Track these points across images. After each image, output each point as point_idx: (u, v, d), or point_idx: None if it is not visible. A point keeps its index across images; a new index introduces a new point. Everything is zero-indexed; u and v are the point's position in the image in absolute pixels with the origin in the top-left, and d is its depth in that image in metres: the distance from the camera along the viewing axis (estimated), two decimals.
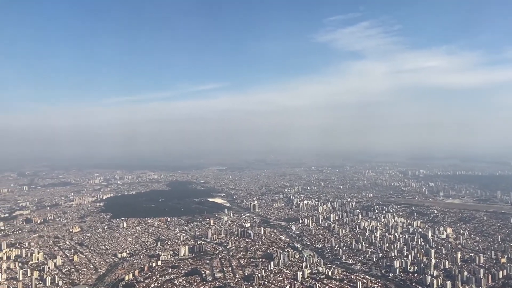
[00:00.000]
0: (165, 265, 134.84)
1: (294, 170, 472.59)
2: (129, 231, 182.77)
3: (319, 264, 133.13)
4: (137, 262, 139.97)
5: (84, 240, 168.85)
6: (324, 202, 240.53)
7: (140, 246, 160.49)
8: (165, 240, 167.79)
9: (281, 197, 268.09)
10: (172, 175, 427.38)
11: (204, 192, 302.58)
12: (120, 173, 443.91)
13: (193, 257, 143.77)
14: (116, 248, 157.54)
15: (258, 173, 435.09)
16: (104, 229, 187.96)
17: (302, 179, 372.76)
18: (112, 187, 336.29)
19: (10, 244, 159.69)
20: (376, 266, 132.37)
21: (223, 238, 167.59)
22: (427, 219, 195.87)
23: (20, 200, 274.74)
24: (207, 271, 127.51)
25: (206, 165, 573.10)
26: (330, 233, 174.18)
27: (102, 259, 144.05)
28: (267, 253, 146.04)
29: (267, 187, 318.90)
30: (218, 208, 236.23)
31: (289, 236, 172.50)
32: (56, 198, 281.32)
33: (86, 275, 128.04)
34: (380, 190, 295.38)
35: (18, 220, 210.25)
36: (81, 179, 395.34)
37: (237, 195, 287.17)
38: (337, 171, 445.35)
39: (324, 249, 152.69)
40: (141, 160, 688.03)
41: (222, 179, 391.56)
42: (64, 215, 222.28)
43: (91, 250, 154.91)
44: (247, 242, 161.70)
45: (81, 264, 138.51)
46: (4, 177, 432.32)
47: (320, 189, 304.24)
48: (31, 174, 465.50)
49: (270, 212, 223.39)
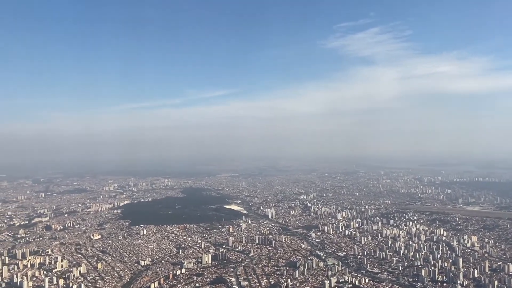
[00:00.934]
0: (189, 273, 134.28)
1: (307, 176, 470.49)
2: (150, 238, 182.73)
3: (344, 273, 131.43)
4: (161, 270, 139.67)
5: (105, 248, 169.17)
6: (342, 209, 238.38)
7: (162, 253, 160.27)
8: (186, 247, 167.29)
9: (297, 204, 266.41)
10: (186, 182, 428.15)
11: (220, 199, 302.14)
12: (134, 180, 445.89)
13: (216, 265, 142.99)
14: (138, 255, 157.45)
15: (272, 180, 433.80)
16: (125, 236, 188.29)
17: (316, 185, 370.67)
18: (127, 194, 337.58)
19: (33, 252, 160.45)
20: (403, 275, 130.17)
21: (244, 246, 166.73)
22: (450, 227, 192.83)
23: (38, 207, 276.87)
24: (232, 279, 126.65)
25: (218, 171, 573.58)
26: (352, 241, 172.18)
27: (126, 266, 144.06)
28: (290, 261, 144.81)
29: (282, 194, 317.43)
30: (235, 215, 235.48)
31: (310, 244, 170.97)
32: (73, 205, 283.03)
33: (111, 283, 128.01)
34: (397, 197, 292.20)
35: (38, 227, 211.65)
36: (95, 186, 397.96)
37: (253, 202, 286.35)
38: (351, 178, 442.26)
39: (347, 257, 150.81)
40: (152, 167, 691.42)
41: (236, 185, 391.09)
42: (83, 222, 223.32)
43: (113, 258, 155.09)
44: (268, 250, 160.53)
45: (105, 271, 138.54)
46: (19, 184, 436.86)
47: (336, 196, 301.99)
48: (45, 181, 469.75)
49: (288, 220, 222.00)
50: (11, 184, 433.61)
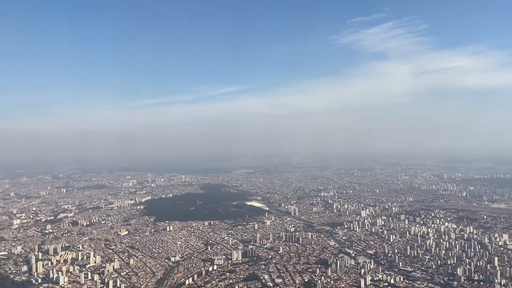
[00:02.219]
0: (222, 270, 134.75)
1: (324, 173, 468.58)
2: (177, 235, 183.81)
3: (377, 271, 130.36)
4: (192, 266, 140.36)
5: (134, 243, 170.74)
6: (365, 206, 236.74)
7: (191, 250, 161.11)
8: (214, 244, 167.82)
9: (318, 201, 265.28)
10: (203, 178, 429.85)
11: (239, 196, 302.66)
12: (151, 176, 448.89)
13: (247, 261, 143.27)
14: (167, 251, 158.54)
15: (288, 176, 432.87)
16: (152, 232, 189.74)
17: (334, 182, 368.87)
18: (147, 190, 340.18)
19: (64, 247, 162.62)
20: (437, 273, 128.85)
21: (272, 243, 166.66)
22: (478, 225, 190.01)
23: (61, 202, 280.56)
24: (266, 276, 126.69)
25: (233, 168, 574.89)
26: (380, 239, 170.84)
27: (157, 262, 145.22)
28: (321, 259, 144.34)
29: (301, 191, 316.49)
30: (257, 212, 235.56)
31: (337, 241, 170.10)
32: (95, 200, 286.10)
33: (145, 279, 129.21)
34: (419, 194, 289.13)
35: (64, 223, 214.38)
36: (114, 182, 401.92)
37: (273, 198, 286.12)
38: (368, 174, 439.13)
39: (377, 255, 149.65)
40: (166, 163, 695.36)
41: (253, 182, 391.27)
42: (107, 217, 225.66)
43: (143, 254, 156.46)
44: (297, 247, 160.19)
45: (138, 267, 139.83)
46: (39, 180, 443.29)
47: (356, 193, 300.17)
48: (64, 176, 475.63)
49: (312, 217, 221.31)
50: (31, 180, 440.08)
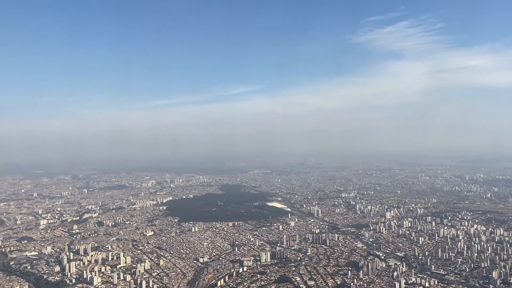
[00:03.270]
0: (252, 271, 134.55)
1: (342, 173, 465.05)
2: (202, 235, 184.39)
3: (410, 274, 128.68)
4: (221, 267, 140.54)
5: (161, 244, 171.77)
6: (389, 208, 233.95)
7: (218, 251, 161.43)
8: (240, 245, 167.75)
9: (340, 202, 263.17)
10: (221, 179, 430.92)
11: (260, 196, 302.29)
12: (169, 176, 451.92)
13: (276, 263, 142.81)
14: (195, 252, 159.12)
15: (306, 177, 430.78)
16: (177, 233, 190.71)
17: (354, 183, 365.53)
18: (167, 191, 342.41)
19: (94, 247, 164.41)
20: (472, 277, 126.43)
21: (299, 244, 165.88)
22: (508, 227, 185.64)
23: (84, 203, 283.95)
24: (297, 278, 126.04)
25: (250, 168, 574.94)
26: (409, 241, 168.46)
27: (186, 263, 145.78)
28: (351, 261, 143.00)
29: (321, 192, 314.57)
30: (279, 213, 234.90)
31: (364, 243, 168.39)
32: (117, 201, 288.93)
33: (176, 280, 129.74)
34: (442, 196, 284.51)
35: (90, 223, 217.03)
36: (134, 182, 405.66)
37: (294, 199, 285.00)
38: (387, 175, 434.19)
39: (407, 258, 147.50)
40: (183, 163, 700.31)
41: (271, 182, 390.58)
42: (131, 218, 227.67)
43: (171, 254, 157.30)
44: (324, 249, 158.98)
45: (168, 268, 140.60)
46: (59, 180, 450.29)
47: (378, 194, 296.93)
48: (84, 177, 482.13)
49: (336, 218, 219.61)
50: (52, 180, 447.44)
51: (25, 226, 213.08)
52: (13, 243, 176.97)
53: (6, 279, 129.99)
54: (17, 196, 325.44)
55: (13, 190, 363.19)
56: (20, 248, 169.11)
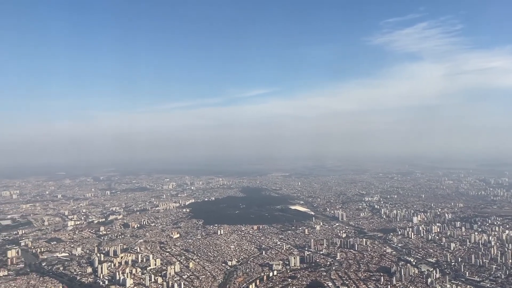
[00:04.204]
0: (282, 275, 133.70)
1: (362, 177, 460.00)
2: (228, 238, 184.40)
3: (444, 280, 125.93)
4: (250, 271, 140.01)
5: (188, 246, 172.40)
6: (415, 212, 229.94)
7: (245, 254, 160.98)
8: (267, 248, 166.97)
9: (364, 206, 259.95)
10: (240, 181, 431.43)
11: (281, 199, 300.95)
12: (189, 179, 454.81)
13: (306, 268, 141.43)
14: (222, 255, 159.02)
15: (327, 180, 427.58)
16: (203, 235, 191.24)
17: (376, 187, 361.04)
18: (188, 193, 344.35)
19: (123, 249, 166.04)
20: (508, 283, 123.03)
21: (327, 249, 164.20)
22: None
23: (108, 204, 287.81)
24: (329, 283, 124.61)
25: (268, 171, 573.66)
26: (439, 247, 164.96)
27: (215, 266, 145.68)
28: (382, 267, 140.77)
29: (344, 195, 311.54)
30: (303, 217, 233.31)
31: (393, 248, 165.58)
32: (140, 203, 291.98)
33: (207, 283, 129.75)
34: (468, 200, 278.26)
35: (116, 225, 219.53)
36: (154, 185, 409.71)
37: (316, 203, 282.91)
38: (409, 179, 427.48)
39: (440, 264, 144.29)
40: (202, 165, 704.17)
41: (291, 185, 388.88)
42: (156, 220, 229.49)
43: (199, 257, 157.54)
44: (354, 254, 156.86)
45: (198, 271, 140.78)
46: (81, 182, 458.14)
47: (401, 198, 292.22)
48: (105, 179, 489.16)
49: (361, 222, 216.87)
50: (74, 182, 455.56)
51: (52, 227, 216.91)
52: (42, 244, 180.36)
53: (40, 280, 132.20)
54: (42, 198, 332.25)
55: (37, 192, 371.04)
56: (50, 249, 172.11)
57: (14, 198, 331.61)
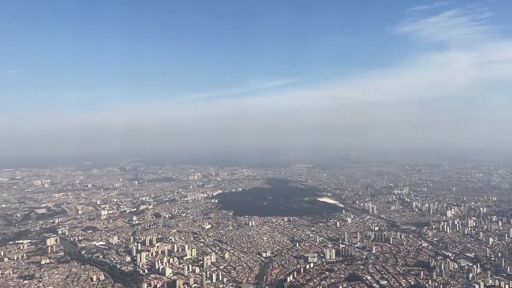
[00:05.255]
0: (318, 268, 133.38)
1: (388, 169, 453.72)
2: (260, 230, 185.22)
3: (485, 276, 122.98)
4: (286, 262, 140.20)
5: (220, 237, 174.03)
6: (448, 206, 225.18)
7: (279, 246, 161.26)
8: (301, 240, 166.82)
9: (394, 199, 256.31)
10: (265, 172, 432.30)
11: (308, 191, 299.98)
12: (214, 170, 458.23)
13: (341, 261, 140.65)
14: (256, 246, 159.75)
15: (352, 172, 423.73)
16: (234, 226, 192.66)
17: (403, 179, 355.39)
18: (214, 184, 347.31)
19: (158, 239, 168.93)
20: None
21: (362, 242, 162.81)
22: None
23: (137, 194, 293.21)
24: (368, 277, 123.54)
25: (291, 162, 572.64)
26: (477, 241, 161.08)
27: (250, 257, 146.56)
28: (420, 261, 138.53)
29: (371, 187, 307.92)
30: (333, 209, 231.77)
31: (428, 242, 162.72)
32: (168, 193, 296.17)
33: (244, 274, 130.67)
34: (502, 194, 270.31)
35: (147, 215, 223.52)
36: (180, 175, 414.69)
37: (344, 195, 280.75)
38: (437, 171, 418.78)
39: (479, 259, 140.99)
40: (224, 156, 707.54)
41: (317, 177, 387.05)
42: (186, 210, 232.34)
43: (233, 248, 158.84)
44: (389, 247, 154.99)
45: (234, 261, 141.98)
46: (109, 172, 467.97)
47: (432, 191, 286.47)
48: (131, 169, 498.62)
49: (393, 215, 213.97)
50: (102, 172, 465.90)
51: (87, 216, 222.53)
52: (79, 233, 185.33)
53: (81, 268, 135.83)
54: (73, 187, 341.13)
55: (67, 181, 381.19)
56: (87, 238, 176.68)
57: (46, 187, 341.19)
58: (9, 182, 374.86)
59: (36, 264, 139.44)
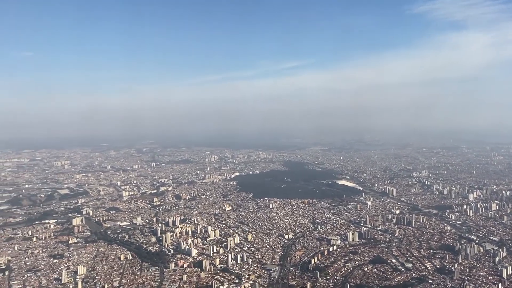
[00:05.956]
0: (342, 250, 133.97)
1: (404, 151, 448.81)
2: (281, 212, 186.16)
3: None
4: (308, 244, 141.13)
5: (242, 219, 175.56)
6: (470, 189, 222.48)
7: (300, 228, 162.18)
8: (322, 223, 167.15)
9: (414, 182, 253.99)
10: (281, 155, 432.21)
11: (325, 174, 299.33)
12: (229, 152, 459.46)
13: (364, 243, 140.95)
14: (278, 228, 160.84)
15: (369, 155, 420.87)
16: (255, 208, 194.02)
17: (422, 162, 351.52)
18: (230, 166, 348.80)
19: (181, 220, 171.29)
20: None
21: (384, 225, 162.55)
22: None
23: (155, 176, 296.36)
24: (393, 260, 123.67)
25: (306, 145, 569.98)
26: (501, 225, 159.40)
27: (272, 239, 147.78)
28: (444, 245, 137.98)
29: (390, 170, 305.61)
30: (352, 192, 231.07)
31: (451, 225, 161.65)
32: (186, 175, 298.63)
33: (268, 255, 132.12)
34: None
35: (168, 196, 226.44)
36: (196, 157, 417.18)
37: (362, 178, 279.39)
38: (456, 154, 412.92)
39: (504, 242, 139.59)
40: (238, 138, 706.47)
41: (333, 160, 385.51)
42: (206, 192, 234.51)
43: (254, 229, 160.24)
44: (412, 231, 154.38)
45: (257, 243, 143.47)
46: (126, 154, 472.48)
47: (451, 174, 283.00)
48: (148, 151, 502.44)
49: (413, 198, 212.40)
50: (119, 154, 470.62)
51: (109, 197, 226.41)
52: (103, 213, 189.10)
53: (109, 248, 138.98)
54: (93, 168, 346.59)
55: (86, 162, 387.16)
56: (112, 218, 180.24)
57: (66, 168, 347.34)
58: (30, 163, 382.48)
59: (64, 244, 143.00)
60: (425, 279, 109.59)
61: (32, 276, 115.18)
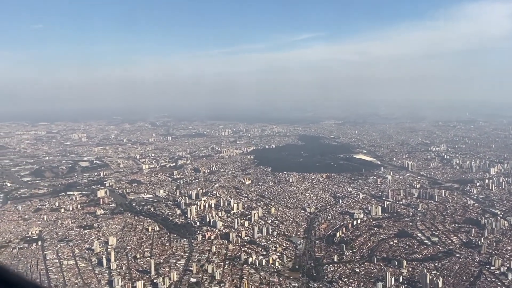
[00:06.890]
0: (366, 224, 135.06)
1: (420, 125, 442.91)
2: (301, 186, 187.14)
3: None
4: (331, 218, 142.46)
5: (262, 193, 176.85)
6: (491, 163, 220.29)
7: (322, 202, 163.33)
8: (343, 197, 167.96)
9: (433, 156, 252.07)
10: (296, 129, 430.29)
11: (342, 148, 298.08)
12: (243, 126, 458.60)
13: (388, 217, 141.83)
14: (299, 202, 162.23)
15: (384, 128, 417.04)
16: (275, 182, 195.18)
17: (438, 136, 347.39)
18: (245, 140, 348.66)
19: (203, 193, 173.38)
20: None
21: (406, 199, 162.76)
22: None
23: (172, 149, 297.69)
24: (418, 234, 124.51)
25: (319, 118, 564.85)
26: None
27: (295, 212, 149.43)
28: (468, 219, 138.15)
29: (407, 144, 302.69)
30: (370, 166, 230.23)
31: (474, 200, 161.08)
32: (203, 148, 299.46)
33: (292, 228, 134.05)
34: None
35: (187, 169, 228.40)
36: (211, 131, 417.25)
37: (380, 152, 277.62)
38: (473, 127, 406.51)
39: None
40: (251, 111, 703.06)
41: (348, 134, 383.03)
42: (224, 166, 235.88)
43: (276, 203, 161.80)
44: (435, 205, 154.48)
45: (280, 216, 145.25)
46: (140, 127, 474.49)
47: (471, 148, 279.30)
48: (161, 124, 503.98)
49: (433, 173, 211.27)
50: (133, 127, 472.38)
51: (129, 170, 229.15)
52: (125, 185, 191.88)
53: (136, 219, 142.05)
54: (109, 141, 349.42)
55: (103, 135, 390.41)
56: (135, 191, 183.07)
57: (83, 141, 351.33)
58: (47, 135, 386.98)
59: (92, 215, 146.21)
60: (453, 252, 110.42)
61: (65, 246, 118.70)
